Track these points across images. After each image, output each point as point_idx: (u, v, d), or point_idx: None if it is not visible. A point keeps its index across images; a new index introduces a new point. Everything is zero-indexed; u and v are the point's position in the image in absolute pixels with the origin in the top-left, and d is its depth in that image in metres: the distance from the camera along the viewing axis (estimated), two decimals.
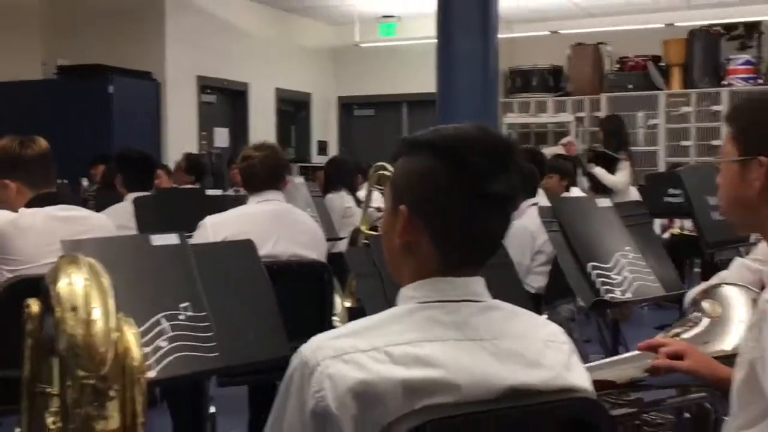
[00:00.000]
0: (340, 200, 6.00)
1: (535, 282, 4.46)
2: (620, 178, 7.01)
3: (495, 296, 1.33)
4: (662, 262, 2.85)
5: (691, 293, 2.20)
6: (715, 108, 10.13)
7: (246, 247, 2.38)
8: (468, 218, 1.24)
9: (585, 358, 1.99)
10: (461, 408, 1.17)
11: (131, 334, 1.46)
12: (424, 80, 9.14)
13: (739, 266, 2.22)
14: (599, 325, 4.31)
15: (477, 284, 1.29)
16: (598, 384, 1.91)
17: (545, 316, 4.14)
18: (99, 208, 4.11)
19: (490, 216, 1.25)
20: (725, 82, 10.63)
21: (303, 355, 1.24)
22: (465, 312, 1.25)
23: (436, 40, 8.55)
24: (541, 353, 1.27)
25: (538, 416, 1.23)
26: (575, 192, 5.83)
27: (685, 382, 1.90)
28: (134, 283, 2.09)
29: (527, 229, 4.18)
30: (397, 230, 1.29)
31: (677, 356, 1.74)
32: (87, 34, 9.02)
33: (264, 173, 3.39)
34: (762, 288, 1.84)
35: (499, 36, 8.77)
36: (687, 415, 2.06)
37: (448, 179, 1.25)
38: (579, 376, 1.31)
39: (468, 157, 1.24)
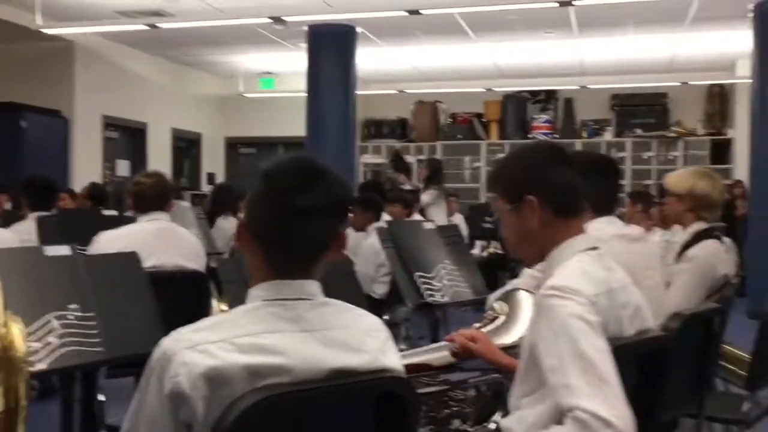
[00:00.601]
0: (229, 223, 5.89)
1: (379, 289, 4.52)
2: (425, 198, 7.12)
3: (338, 298, 1.35)
4: (472, 272, 2.96)
5: (492, 297, 2.27)
6: None
7: (131, 258, 2.30)
8: (285, 229, 1.25)
9: None
10: (292, 386, 1.17)
11: (16, 330, 1.39)
12: (297, 126, 9.12)
13: (527, 275, 2.32)
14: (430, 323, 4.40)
15: (312, 286, 1.29)
16: (418, 367, 1.96)
17: (387, 317, 4.22)
18: (5, 226, 3.87)
19: (304, 226, 1.25)
20: (530, 136, 11.16)
21: (163, 346, 1.21)
22: (300, 308, 1.26)
23: (306, 94, 8.60)
24: (362, 341, 1.29)
25: (357, 392, 1.25)
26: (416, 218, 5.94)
27: (485, 366, 1.97)
28: (27, 287, 1.99)
29: (373, 246, 4.22)
30: (241, 242, 1.30)
31: (472, 341, 1.81)
32: (3, 75, 8.53)
33: (152, 196, 3.29)
34: None
35: (358, 92, 8.91)
36: (486, 391, 2.12)
37: (266, 197, 1.27)
38: (392, 359, 1.33)
39: (279, 178, 1.26)
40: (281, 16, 7.22)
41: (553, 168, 1.59)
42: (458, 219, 7.36)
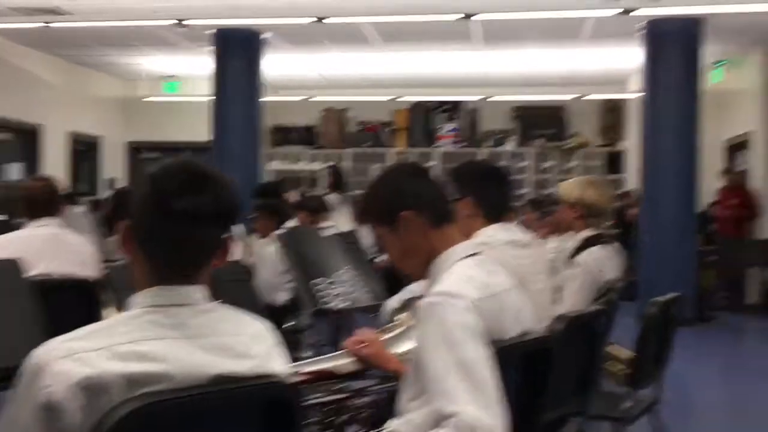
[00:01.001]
0: None
1: (283, 296, 4.47)
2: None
3: (231, 303, 1.33)
4: (371, 278, 2.99)
5: (390, 302, 2.30)
6: (429, 163, 10.75)
7: (11, 265, 2.19)
8: (166, 234, 1.23)
9: None
10: (172, 393, 1.15)
11: None
12: (202, 131, 8.94)
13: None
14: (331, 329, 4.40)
15: (196, 292, 1.27)
16: (322, 374, 1.95)
17: (290, 324, 4.19)
18: None
19: (186, 231, 1.23)
20: (437, 144, 11.38)
21: (34, 356, 1.16)
22: (183, 315, 1.23)
23: (211, 99, 8.45)
24: (248, 346, 1.28)
25: (241, 398, 1.23)
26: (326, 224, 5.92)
27: (386, 374, 1.99)
28: None
29: (275, 253, 4.19)
30: (125, 247, 1.27)
31: (363, 345, 1.83)
32: None
33: (42, 201, 3.16)
34: None
35: (265, 99, 8.83)
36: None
37: (148, 201, 1.24)
38: (279, 365, 1.32)
39: (161, 181, 1.23)
40: (185, 19, 7.07)
41: (417, 182, 1.67)
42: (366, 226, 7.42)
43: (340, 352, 2.06)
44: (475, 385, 1.38)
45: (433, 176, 1.74)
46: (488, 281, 1.57)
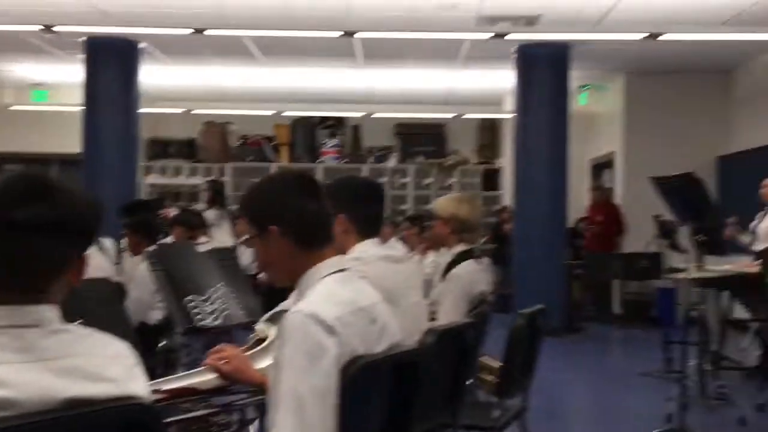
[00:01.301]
0: None
1: (156, 315, 4.32)
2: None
3: (99, 323, 1.27)
4: (247, 295, 2.95)
5: (263, 319, 2.26)
6: None
7: None
8: (3, 246, 1.16)
9: None
10: (17, 419, 1.08)
11: None
12: (73, 142, 8.51)
13: (294, 296, 2.35)
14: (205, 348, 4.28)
15: (45, 311, 1.20)
16: (184, 391, 1.90)
17: (163, 343, 4.05)
18: None
19: (25, 244, 1.16)
20: (320, 160, 11.39)
21: None
22: (30, 336, 1.17)
23: (83, 108, 8.08)
24: (105, 368, 1.22)
25: (95, 422, 1.18)
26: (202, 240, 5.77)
27: (252, 388, 1.95)
28: None
29: (146, 271, 4.04)
30: None
31: (225, 362, 1.80)
32: None
33: None
34: None
35: (142, 110, 8.53)
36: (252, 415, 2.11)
37: None
38: (139, 386, 1.28)
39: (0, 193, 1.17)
40: (54, 25, 6.74)
41: (296, 200, 1.63)
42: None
43: (202, 368, 2.01)
44: (303, 422, 1.38)
45: (322, 196, 1.67)
46: (352, 297, 1.58)
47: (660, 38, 6.81)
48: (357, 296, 1.60)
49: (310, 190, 1.65)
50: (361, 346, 1.53)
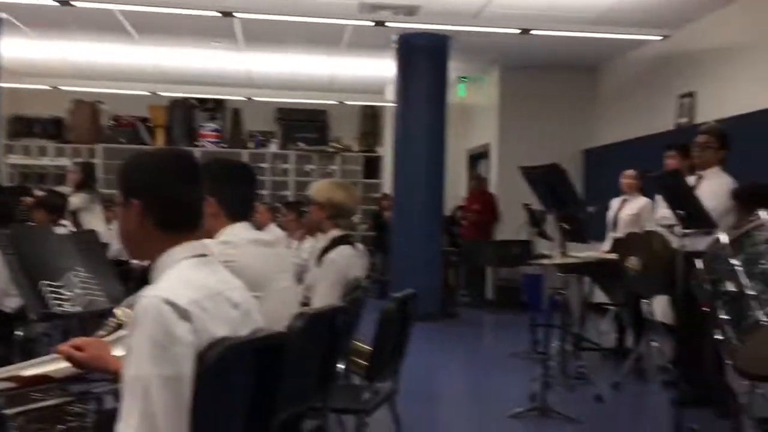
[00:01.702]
0: None
1: (13, 303, 4.06)
2: (74, 201, 6.62)
3: None
4: (110, 280, 2.82)
5: (122, 304, 2.17)
6: None
7: None
8: None
9: None
10: None
11: None
12: None
13: None
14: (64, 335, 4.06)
15: None
16: (36, 379, 1.79)
17: (19, 331, 3.82)
18: None
19: None
20: (198, 144, 11.07)
21: None
22: None
23: None
24: None
25: None
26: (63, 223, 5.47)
27: (110, 376, 1.87)
28: None
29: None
30: None
31: (79, 350, 1.71)
32: None
33: None
34: None
35: (4, 85, 7.97)
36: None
37: None
38: None
39: None
40: None
41: (168, 179, 1.57)
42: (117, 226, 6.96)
43: (55, 356, 1.90)
44: (147, 410, 1.34)
45: (198, 181, 1.62)
46: (209, 282, 1.53)
47: (532, 33, 7.08)
48: (215, 281, 1.55)
49: (186, 172, 1.60)
50: (222, 331, 1.49)
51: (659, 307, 5.93)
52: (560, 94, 9.57)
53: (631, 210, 5.91)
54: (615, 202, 6.13)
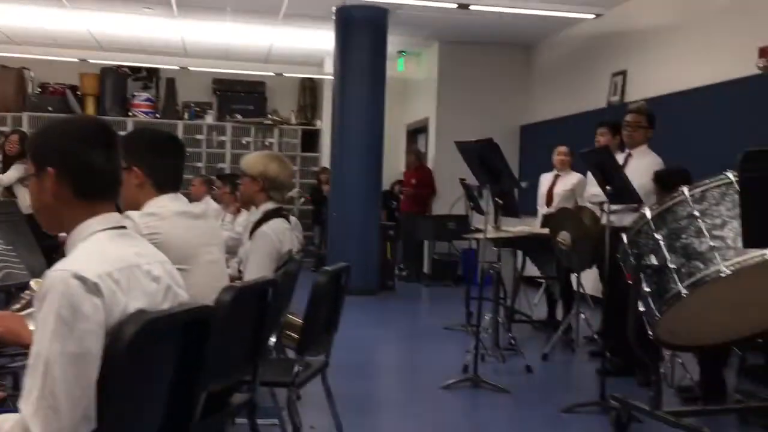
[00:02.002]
0: None
1: None
2: (10, 174, 6.39)
3: None
4: (32, 253, 2.73)
5: (40, 277, 2.10)
6: (121, 132, 10.13)
7: None
8: None
9: None
10: None
11: None
12: None
13: None
14: None
15: None
16: None
17: None
18: None
19: None
20: (131, 113, 10.76)
21: None
22: None
23: None
24: None
25: None
26: None
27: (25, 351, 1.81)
28: None
29: None
30: None
31: None
32: None
33: None
34: None
35: None
36: None
37: None
38: None
39: None
40: None
41: (84, 146, 1.52)
42: None
43: None
44: (46, 388, 1.30)
45: (115, 148, 1.57)
46: (124, 254, 1.49)
47: (470, 8, 7.10)
48: (132, 254, 1.51)
49: (102, 139, 1.55)
50: (139, 304, 1.45)
51: (589, 281, 6.11)
52: (498, 70, 9.66)
53: (565, 186, 6.03)
54: (546, 178, 6.25)
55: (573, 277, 5.47)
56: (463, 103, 9.51)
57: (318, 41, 9.63)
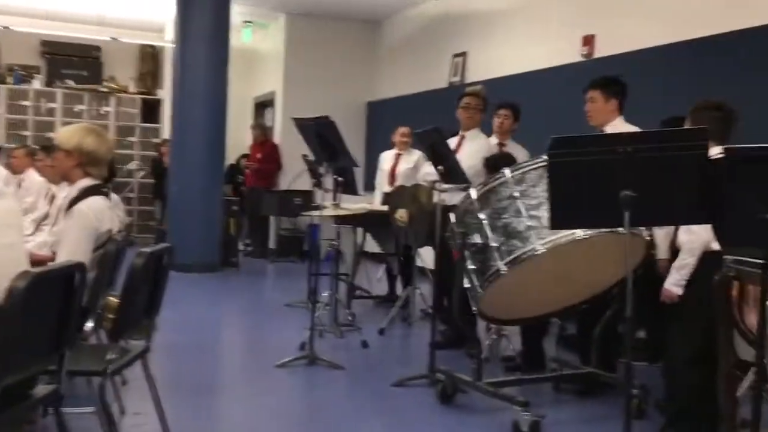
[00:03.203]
0: None
1: None
2: None
3: None
4: None
5: None
6: None
7: None
8: None
9: None
10: None
11: None
12: None
13: None
14: None
15: None
16: None
17: None
18: None
19: None
20: None
21: None
22: None
23: None
24: None
25: None
26: None
27: None
28: None
29: None
30: None
31: None
32: None
33: None
34: None
35: None
36: None
37: None
38: None
39: None
40: None
41: None
42: None
43: None
44: None
45: None
46: None
47: None
48: None
49: None
50: None
51: (430, 256, 6.30)
52: (346, 45, 9.66)
53: (407, 164, 6.16)
54: (387, 156, 6.35)
55: (413, 252, 5.61)
56: (310, 78, 9.44)
57: (159, 6, 9.17)
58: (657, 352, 4.11)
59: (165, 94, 10.45)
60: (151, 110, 10.87)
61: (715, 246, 2.97)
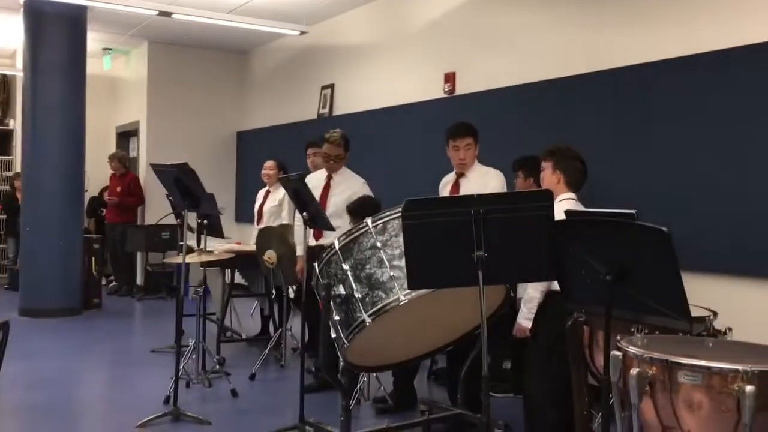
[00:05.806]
0: None
1: None
2: None
3: None
4: None
5: None
6: None
7: None
8: None
9: None
10: None
11: None
12: None
13: None
14: None
15: None
16: None
17: None
18: None
19: None
20: None
21: None
22: None
23: None
24: None
25: None
26: None
27: None
28: None
29: None
30: None
31: None
32: None
33: None
34: None
35: None
36: None
37: None
38: None
39: None
40: None
41: None
42: None
43: None
44: None
45: None
46: None
47: (173, 17, 6.83)
48: None
49: None
50: None
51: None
52: (213, 73, 9.46)
53: (273, 201, 6.04)
54: (260, 194, 6.22)
55: (288, 290, 5.49)
56: (176, 107, 9.15)
57: (9, 33, 8.60)
58: (521, 383, 4.23)
59: (17, 124, 9.82)
60: (3, 141, 10.17)
61: (556, 286, 3.09)
